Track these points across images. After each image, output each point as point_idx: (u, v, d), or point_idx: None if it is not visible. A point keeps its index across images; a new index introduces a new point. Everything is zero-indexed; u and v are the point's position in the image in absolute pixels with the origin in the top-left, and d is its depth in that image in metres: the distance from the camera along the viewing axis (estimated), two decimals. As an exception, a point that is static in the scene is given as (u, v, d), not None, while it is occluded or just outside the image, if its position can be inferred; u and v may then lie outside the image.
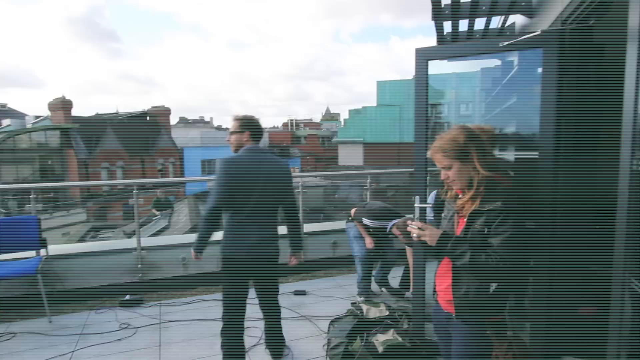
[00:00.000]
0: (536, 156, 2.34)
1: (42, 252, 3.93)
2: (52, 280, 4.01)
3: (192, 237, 3.95)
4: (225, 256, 2.72)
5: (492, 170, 1.68)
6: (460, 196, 1.77)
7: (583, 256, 2.27)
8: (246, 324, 3.44)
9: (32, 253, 3.94)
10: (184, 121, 53.99)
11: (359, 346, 2.90)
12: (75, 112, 25.63)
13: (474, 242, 1.64)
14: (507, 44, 2.32)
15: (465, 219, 1.72)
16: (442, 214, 1.93)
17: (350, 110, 32.65)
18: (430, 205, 2.84)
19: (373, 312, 3.34)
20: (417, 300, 3.06)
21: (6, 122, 26.72)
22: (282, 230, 2.94)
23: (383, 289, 4.30)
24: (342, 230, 5.27)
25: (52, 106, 25.39)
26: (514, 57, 2.98)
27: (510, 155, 2.78)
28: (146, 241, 4.75)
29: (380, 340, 2.92)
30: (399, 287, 4.26)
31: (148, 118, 30.90)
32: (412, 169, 2.99)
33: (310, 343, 3.29)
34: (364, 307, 3.42)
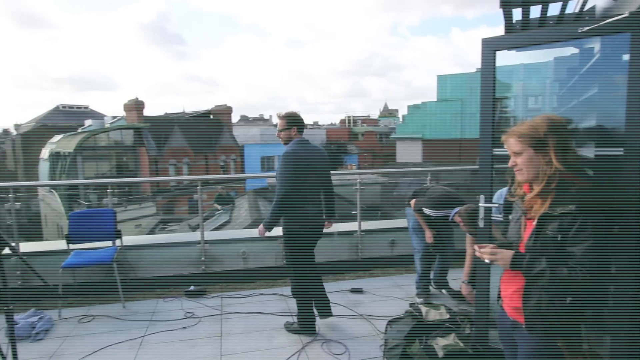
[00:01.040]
0: (620, 153, 2.11)
1: (117, 242, 4.23)
2: (126, 269, 4.32)
3: (253, 232, 4.06)
4: (293, 229, 3.21)
5: (568, 168, 1.53)
6: (527, 195, 1.64)
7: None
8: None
9: (109, 243, 4.25)
10: (244, 119, 55.87)
11: (418, 349, 2.82)
12: (146, 112, 27.49)
13: (549, 254, 1.51)
14: (589, 29, 2.11)
15: (533, 222, 1.59)
16: (510, 216, 1.81)
17: (408, 106, 31.90)
18: (497, 205, 2.67)
19: (433, 315, 3.22)
20: (481, 305, 2.90)
21: (88, 122, 29.32)
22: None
23: (443, 291, 4.14)
24: (400, 229, 5.16)
25: (127, 107, 27.44)
26: (595, 44, 2.71)
27: (589, 151, 2.54)
28: (209, 235, 4.96)
29: (441, 344, 2.81)
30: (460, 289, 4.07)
31: (211, 117, 32.33)
32: (476, 166, 2.83)
33: (367, 343, 3.25)
34: (423, 308, 3.31)
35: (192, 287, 4.29)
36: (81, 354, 3.12)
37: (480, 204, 2.42)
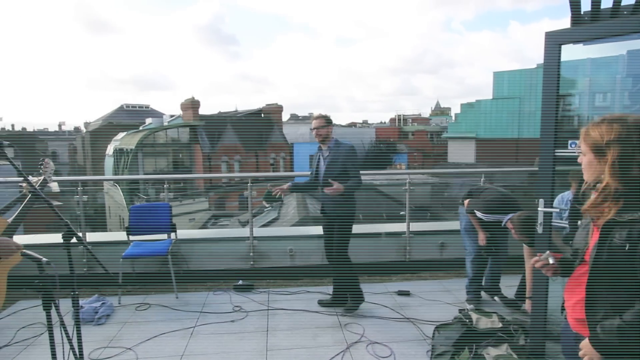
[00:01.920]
0: None
1: (172, 235, 4.43)
2: (179, 261, 4.51)
3: (300, 230, 4.08)
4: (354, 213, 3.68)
5: (624, 184, 1.39)
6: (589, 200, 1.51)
7: None
8: (347, 319, 3.49)
9: (165, 236, 4.46)
10: (294, 118, 56.65)
11: (467, 357, 2.70)
12: (201, 110, 28.64)
13: (615, 265, 1.38)
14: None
15: (599, 229, 1.46)
16: (579, 221, 1.67)
17: (462, 104, 30.86)
18: (557, 209, 2.50)
19: (484, 323, 3.08)
20: (538, 315, 2.73)
21: (149, 120, 31.03)
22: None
23: (496, 298, 3.95)
24: (451, 232, 5.00)
25: (184, 106, 28.75)
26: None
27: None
28: (258, 231, 5.06)
29: (492, 354, 2.68)
30: (515, 297, 3.86)
31: (262, 115, 33.09)
32: (534, 168, 2.66)
33: (413, 347, 3.16)
34: (474, 315, 3.17)
35: (240, 282, 4.41)
36: (138, 339, 3.30)
37: (539, 208, 2.27)
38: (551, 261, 1.56)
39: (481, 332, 2.99)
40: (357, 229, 5.55)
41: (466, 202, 3.82)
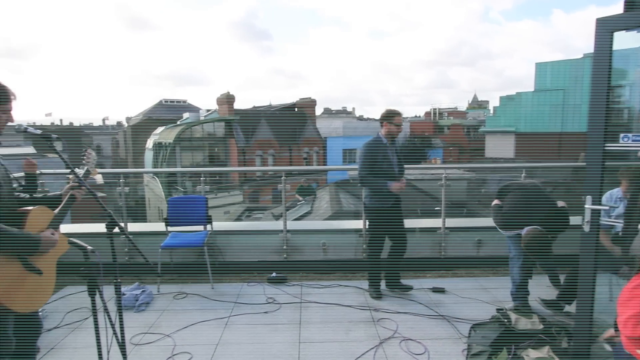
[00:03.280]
0: None
1: (208, 227, 4.53)
2: (215, 253, 4.62)
3: (334, 224, 4.07)
4: None
5: None
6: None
7: None
8: (380, 315, 3.46)
9: (201, 227, 4.57)
10: (327, 112, 56.57)
11: (506, 358, 2.62)
12: (236, 105, 29.13)
13: None
14: None
15: None
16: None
17: (501, 97, 29.74)
18: (607, 207, 2.36)
19: (523, 323, 2.97)
20: (583, 317, 2.60)
21: (186, 115, 31.89)
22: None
23: (538, 299, 3.78)
24: (487, 229, 4.83)
25: (219, 101, 29.34)
26: None
27: None
28: (291, 225, 5.10)
29: (532, 356, 2.58)
30: (557, 298, 3.68)
31: (296, 109, 33.25)
32: (580, 163, 2.52)
33: (448, 345, 3.10)
34: (513, 315, 3.06)
35: (274, 274, 4.46)
36: (175, 327, 3.41)
37: (586, 206, 2.15)
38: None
39: (520, 333, 2.88)
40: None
41: (494, 202, 3.62)
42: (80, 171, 2.24)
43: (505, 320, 3.03)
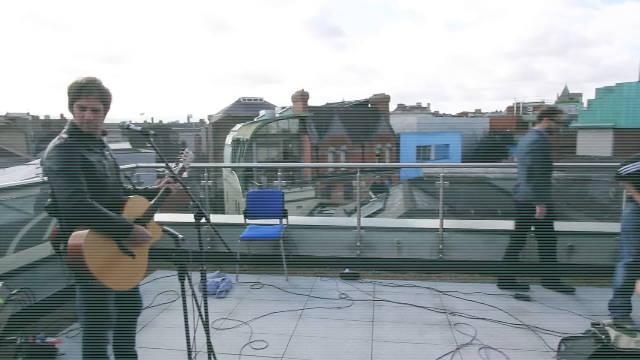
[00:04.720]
0: None
1: (284, 221, 4.66)
2: (290, 246, 4.74)
3: (408, 222, 3.98)
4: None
5: None
6: None
7: None
8: (457, 319, 3.34)
9: (277, 221, 4.72)
10: (401, 108, 55.45)
11: (603, 378, 2.36)
12: (310, 102, 29.61)
13: None
14: None
15: None
16: None
17: (597, 89, 26.80)
18: None
19: (625, 342, 2.65)
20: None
21: (262, 112, 33.20)
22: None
23: (640, 314, 3.38)
24: (580, 233, 4.44)
25: (294, 98, 30.06)
26: None
27: None
28: (365, 221, 5.06)
29: (636, 379, 2.30)
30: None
31: (369, 106, 32.98)
32: None
33: (534, 358, 2.88)
34: (612, 332, 2.75)
35: (347, 270, 4.46)
36: (252, 315, 3.56)
37: None
38: None
39: (622, 352, 2.58)
40: (468, 224, 5.23)
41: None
42: (176, 167, 2.43)
43: (603, 337, 2.74)
